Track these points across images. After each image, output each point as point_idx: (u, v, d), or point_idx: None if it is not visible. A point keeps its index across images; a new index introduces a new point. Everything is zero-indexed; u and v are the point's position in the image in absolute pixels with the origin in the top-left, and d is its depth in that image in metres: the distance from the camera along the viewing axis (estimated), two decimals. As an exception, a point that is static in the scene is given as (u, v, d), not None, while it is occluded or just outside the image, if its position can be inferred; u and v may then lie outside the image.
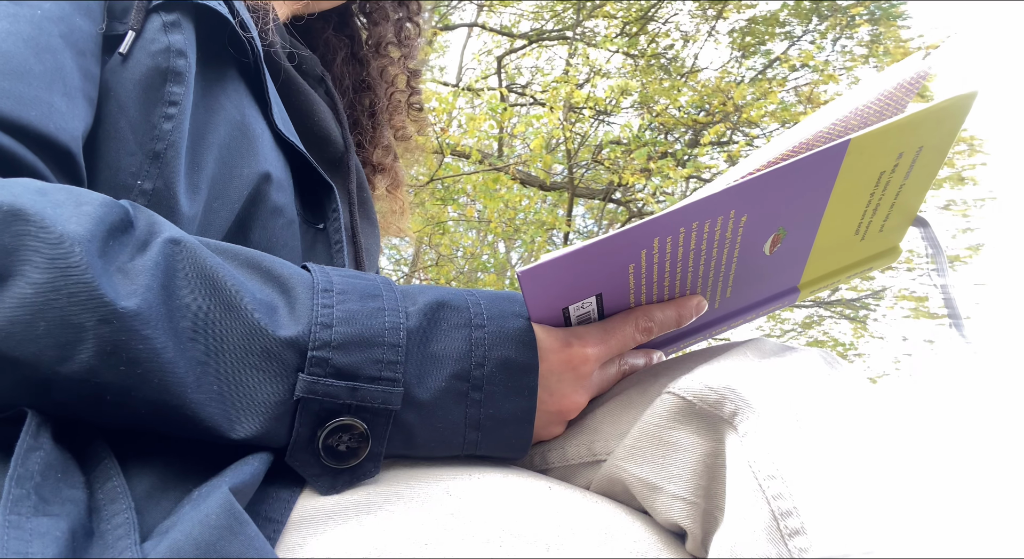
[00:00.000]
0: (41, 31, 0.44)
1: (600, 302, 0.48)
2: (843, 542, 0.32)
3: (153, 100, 0.48)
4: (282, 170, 0.57)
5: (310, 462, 0.40)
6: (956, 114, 0.46)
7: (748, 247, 0.48)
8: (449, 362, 0.43)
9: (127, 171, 0.46)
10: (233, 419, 0.38)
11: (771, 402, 0.39)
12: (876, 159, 0.46)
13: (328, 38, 0.81)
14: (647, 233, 0.43)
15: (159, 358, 0.36)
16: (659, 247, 0.45)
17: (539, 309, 0.46)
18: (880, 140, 0.45)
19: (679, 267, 0.48)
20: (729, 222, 0.45)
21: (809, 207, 0.48)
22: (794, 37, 5.81)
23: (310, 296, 0.41)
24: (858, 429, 0.38)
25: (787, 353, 0.44)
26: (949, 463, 0.37)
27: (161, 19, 0.49)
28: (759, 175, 0.43)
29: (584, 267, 0.44)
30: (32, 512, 0.31)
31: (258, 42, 0.56)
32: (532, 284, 0.44)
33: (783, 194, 0.45)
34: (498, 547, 0.37)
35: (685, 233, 0.44)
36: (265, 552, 0.33)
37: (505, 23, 6.15)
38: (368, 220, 0.74)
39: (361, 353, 0.40)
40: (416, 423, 0.42)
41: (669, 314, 0.50)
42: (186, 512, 0.33)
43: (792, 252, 0.51)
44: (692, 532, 0.41)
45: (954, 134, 0.48)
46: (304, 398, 0.39)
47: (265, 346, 0.39)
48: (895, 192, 0.50)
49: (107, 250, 0.37)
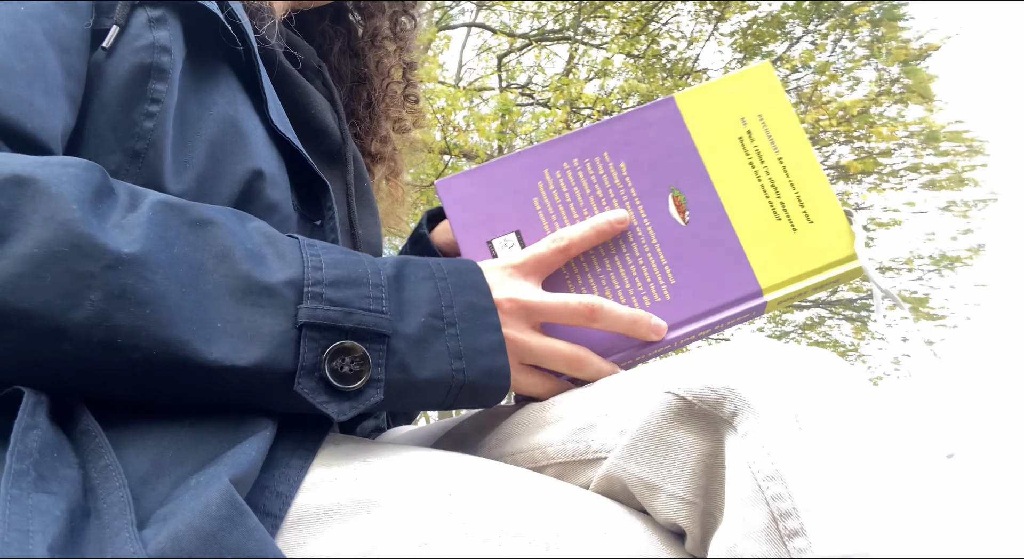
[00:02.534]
0: (24, 28, 0.44)
1: (521, 241, 0.57)
2: (842, 543, 0.32)
3: (135, 97, 0.47)
4: (276, 166, 0.56)
5: (317, 388, 0.42)
6: (763, 79, 0.59)
7: (653, 209, 0.57)
8: (423, 304, 0.47)
9: (106, 169, 0.46)
10: (239, 349, 0.40)
11: (771, 403, 0.39)
12: (718, 119, 0.58)
13: (324, 29, 0.81)
14: (533, 159, 0.57)
15: (164, 299, 0.38)
16: (553, 182, 0.57)
17: (466, 239, 0.57)
18: (702, 97, 0.58)
19: (585, 213, 0.57)
20: (610, 166, 0.57)
21: (684, 163, 0.58)
22: (794, 38, 5.81)
23: (297, 247, 0.46)
24: (858, 430, 0.38)
25: (787, 354, 0.44)
26: (949, 463, 0.37)
27: (147, 14, 0.49)
28: (603, 121, 0.58)
29: (492, 188, 0.57)
30: (32, 488, 0.32)
31: (252, 37, 0.55)
32: (450, 198, 0.57)
33: (641, 143, 0.58)
34: (498, 547, 0.37)
35: (572, 171, 0.57)
36: (265, 543, 0.33)
37: (505, 22, 6.15)
38: (368, 209, 0.74)
39: (350, 290, 0.44)
40: (407, 351, 0.45)
41: (580, 227, 0.55)
42: (186, 501, 0.33)
43: (710, 226, 0.57)
44: (691, 532, 0.41)
45: (782, 101, 0.59)
46: (307, 323, 0.42)
47: (263, 286, 0.42)
48: (778, 166, 0.58)
49: (99, 208, 0.39)
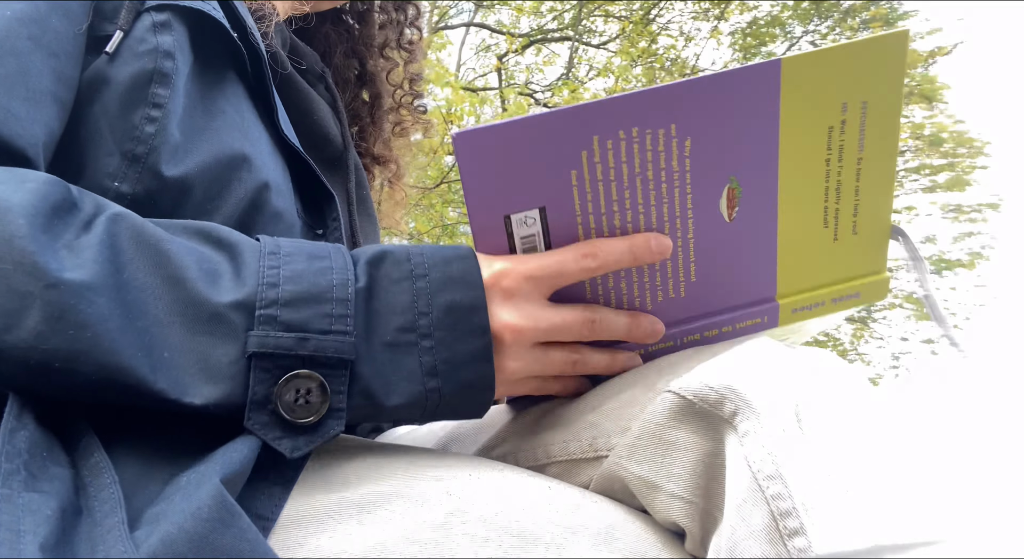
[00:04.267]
0: (8, 34, 0.44)
1: (545, 223, 0.47)
2: (842, 543, 0.32)
3: (136, 101, 0.47)
4: (281, 175, 0.56)
5: (269, 423, 0.39)
6: (891, 54, 0.46)
7: (702, 201, 0.47)
8: (393, 316, 0.42)
9: (103, 172, 0.46)
10: (186, 384, 0.37)
11: (771, 403, 0.39)
12: (818, 99, 0.46)
13: (327, 31, 0.81)
14: (585, 119, 0.43)
15: (107, 323, 0.36)
16: (600, 154, 0.45)
17: (480, 211, 0.45)
18: (813, 66, 0.45)
19: (627, 197, 0.47)
20: (673, 142, 0.45)
21: (758, 149, 0.47)
22: (794, 38, 5.81)
23: (257, 259, 0.41)
24: (858, 430, 0.38)
25: (788, 354, 0.44)
26: (949, 464, 0.37)
27: (151, 19, 0.49)
28: (693, 77, 0.44)
29: (524, 151, 0.44)
30: (23, 487, 0.31)
31: (261, 45, 0.55)
32: (468, 155, 0.43)
33: (723, 115, 0.45)
34: (498, 547, 0.37)
35: (627, 142, 0.44)
36: (258, 544, 0.33)
37: (504, 21, 6.16)
38: (367, 217, 0.74)
39: (309, 309, 0.40)
40: (372, 376, 0.41)
41: (618, 246, 0.46)
42: (176, 503, 0.33)
43: (754, 226, 0.49)
44: (691, 532, 0.41)
45: (896, 91, 0.47)
46: (256, 353, 0.38)
47: (213, 312, 0.39)
48: (854, 169, 0.49)
49: (51, 226, 0.37)
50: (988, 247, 5.66)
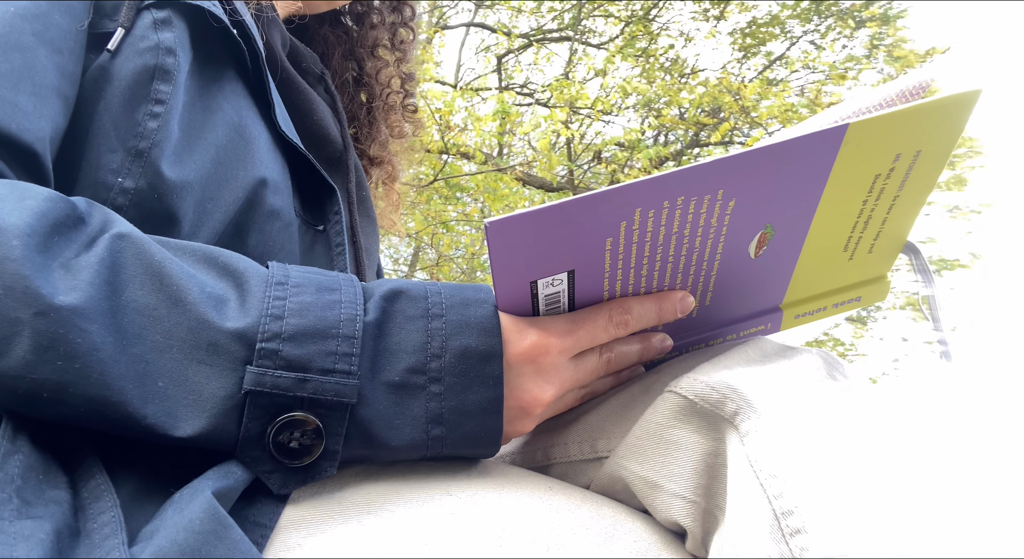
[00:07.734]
0: (12, 29, 0.44)
1: (572, 283, 0.44)
2: (844, 541, 0.32)
3: (139, 98, 0.47)
4: (279, 173, 0.56)
5: (260, 458, 0.38)
6: (959, 112, 0.44)
7: (733, 244, 0.46)
8: (404, 356, 0.41)
9: (107, 169, 0.46)
10: (177, 417, 0.36)
11: (772, 402, 0.39)
12: (873, 155, 0.44)
13: (326, 34, 0.81)
14: (630, 199, 0.41)
15: (98, 353, 0.35)
16: (640, 222, 0.42)
17: (505, 278, 0.43)
18: (879, 129, 0.43)
19: (659, 253, 0.45)
20: (716, 205, 0.43)
21: (800, 202, 0.46)
22: (794, 38, 5.81)
23: (263, 289, 0.40)
24: (859, 429, 0.38)
25: (789, 353, 0.44)
26: (949, 464, 0.37)
27: (152, 16, 0.49)
28: (751, 150, 0.41)
29: (559, 230, 0.41)
30: (15, 515, 0.31)
31: (259, 42, 0.55)
32: (499, 240, 0.40)
33: (775, 179, 0.43)
34: (498, 547, 0.37)
35: (669, 210, 0.42)
36: (251, 556, 0.33)
37: (504, 21, 6.16)
38: (367, 217, 0.74)
39: (314, 345, 0.38)
40: (373, 419, 0.39)
41: (648, 307, 0.46)
42: (169, 516, 0.33)
43: (778, 259, 0.49)
44: (692, 531, 0.41)
45: (954, 140, 0.46)
46: (252, 391, 0.37)
47: (212, 339, 0.37)
48: (888, 205, 0.48)
49: (49, 245, 0.36)
50: (987, 247, 5.67)
